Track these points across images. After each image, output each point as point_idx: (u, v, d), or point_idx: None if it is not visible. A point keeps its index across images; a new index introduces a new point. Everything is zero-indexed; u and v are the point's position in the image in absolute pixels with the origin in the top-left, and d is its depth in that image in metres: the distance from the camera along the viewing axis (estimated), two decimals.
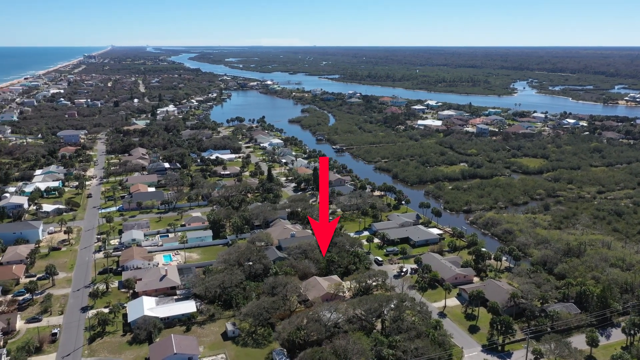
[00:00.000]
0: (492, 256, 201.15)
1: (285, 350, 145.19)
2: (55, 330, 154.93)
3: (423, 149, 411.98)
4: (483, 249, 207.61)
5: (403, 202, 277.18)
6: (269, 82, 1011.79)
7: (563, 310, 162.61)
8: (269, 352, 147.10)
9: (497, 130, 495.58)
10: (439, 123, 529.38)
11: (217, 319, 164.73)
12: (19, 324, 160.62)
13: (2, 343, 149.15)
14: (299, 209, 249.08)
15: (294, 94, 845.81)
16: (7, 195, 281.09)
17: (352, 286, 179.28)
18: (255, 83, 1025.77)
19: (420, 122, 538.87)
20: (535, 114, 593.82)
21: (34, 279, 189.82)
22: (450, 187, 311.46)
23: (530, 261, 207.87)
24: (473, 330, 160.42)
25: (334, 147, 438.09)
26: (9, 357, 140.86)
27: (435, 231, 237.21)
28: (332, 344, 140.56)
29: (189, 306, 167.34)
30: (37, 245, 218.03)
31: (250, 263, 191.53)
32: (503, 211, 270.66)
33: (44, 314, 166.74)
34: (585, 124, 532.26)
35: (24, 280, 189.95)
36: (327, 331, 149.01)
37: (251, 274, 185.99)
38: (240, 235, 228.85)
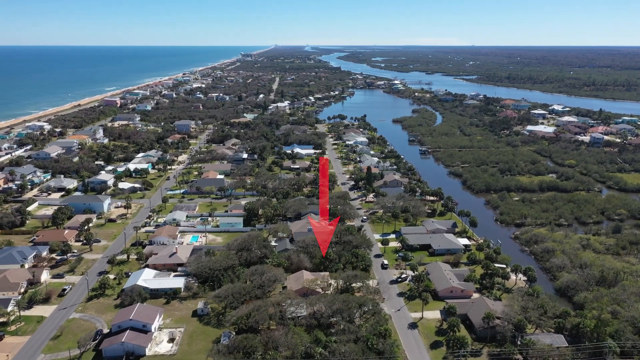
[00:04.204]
0: (500, 274, 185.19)
1: (234, 333, 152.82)
2: (66, 287, 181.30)
3: (513, 156, 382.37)
4: (496, 265, 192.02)
5: (450, 209, 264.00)
6: (396, 82, 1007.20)
7: (543, 340, 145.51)
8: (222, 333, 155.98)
9: (617, 140, 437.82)
10: (551, 130, 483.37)
11: (200, 297, 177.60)
12: (46, 278, 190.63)
13: (23, 291, 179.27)
14: (331, 206, 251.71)
15: (415, 93, 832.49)
16: (103, 172, 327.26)
17: (336, 284, 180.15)
18: (382, 82, 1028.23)
19: (529, 127, 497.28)
20: None
21: (80, 244, 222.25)
22: (516, 199, 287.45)
23: (553, 285, 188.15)
24: (436, 345, 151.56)
25: (420, 149, 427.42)
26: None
27: (463, 241, 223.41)
28: (270, 333, 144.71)
29: (177, 282, 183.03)
30: (98, 217, 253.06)
31: (258, 251, 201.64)
32: (562, 229, 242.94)
33: (69, 273, 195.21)
34: None
35: (72, 243, 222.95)
36: (276, 322, 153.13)
37: (247, 260, 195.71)
38: (268, 225, 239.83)
